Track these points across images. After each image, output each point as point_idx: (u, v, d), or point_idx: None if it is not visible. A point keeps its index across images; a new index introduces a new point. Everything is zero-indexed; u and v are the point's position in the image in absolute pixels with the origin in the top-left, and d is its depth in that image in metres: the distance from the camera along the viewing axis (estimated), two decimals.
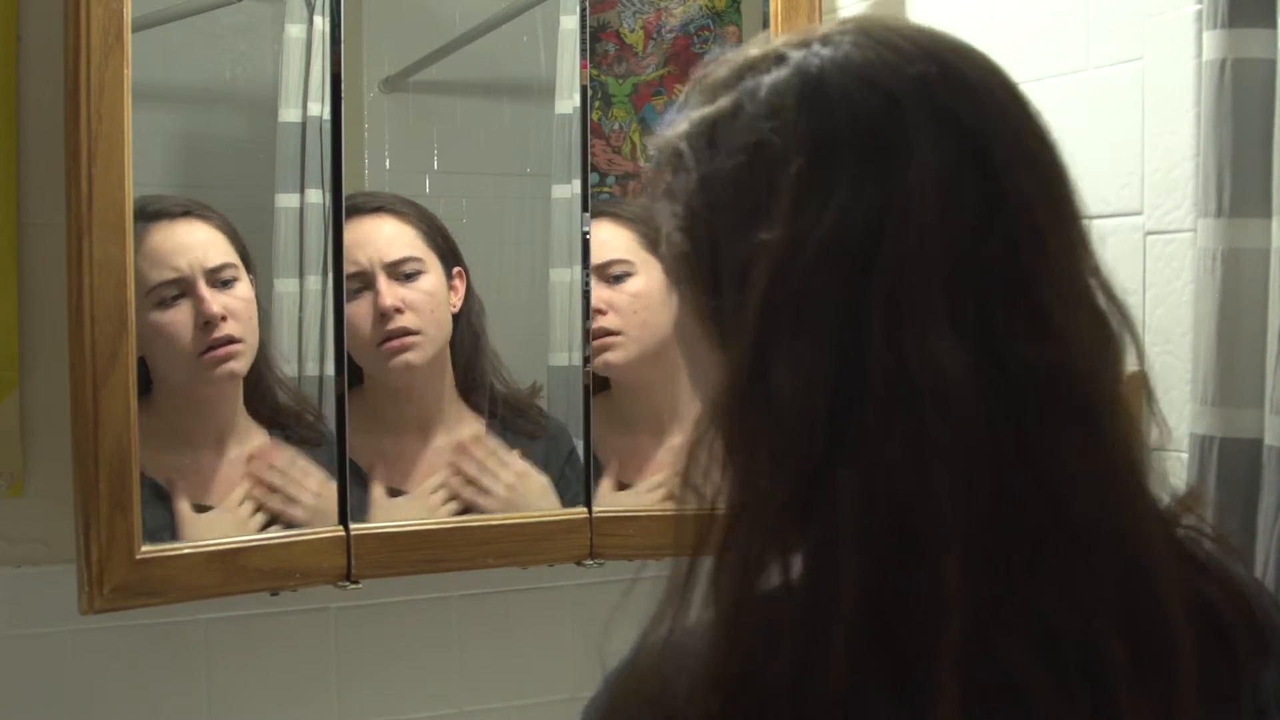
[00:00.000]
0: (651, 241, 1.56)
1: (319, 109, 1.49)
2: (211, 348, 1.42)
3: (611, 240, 1.62)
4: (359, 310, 1.52)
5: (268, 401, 1.49)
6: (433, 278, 1.55)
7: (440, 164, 1.63)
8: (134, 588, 1.32)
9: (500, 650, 1.66)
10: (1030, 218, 0.63)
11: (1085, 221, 0.67)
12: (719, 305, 0.64)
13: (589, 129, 1.63)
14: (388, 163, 1.60)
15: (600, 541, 1.57)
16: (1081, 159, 1.51)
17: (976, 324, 0.60)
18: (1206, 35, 1.19)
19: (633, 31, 1.67)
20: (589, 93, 1.64)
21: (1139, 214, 1.34)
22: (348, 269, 1.50)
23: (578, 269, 1.62)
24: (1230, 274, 1.18)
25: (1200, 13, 1.22)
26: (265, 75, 1.50)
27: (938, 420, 0.58)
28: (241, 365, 1.45)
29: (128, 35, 1.29)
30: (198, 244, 1.43)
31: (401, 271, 1.54)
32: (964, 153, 0.62)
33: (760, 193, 0.62)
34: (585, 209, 1.62)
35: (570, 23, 1.63)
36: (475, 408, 1.60)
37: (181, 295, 1.42)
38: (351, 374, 1.51)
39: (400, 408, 1.58)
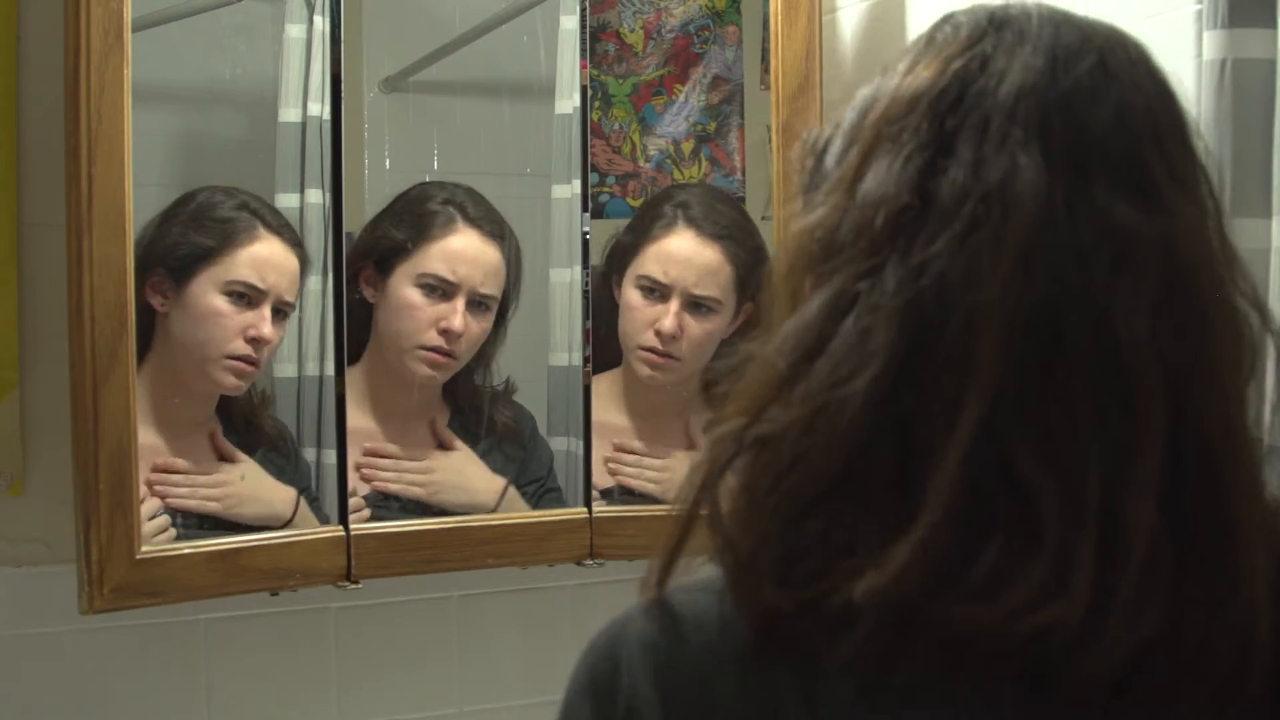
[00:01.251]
0: (744, 281, 1.63)
1: (319, 109, 1.49)
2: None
3: (716, 273, 1.62)
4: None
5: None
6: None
7: (440, 164, 1.63)
8: (134, 588, 1.32)
9: (500, 650, 1.66)
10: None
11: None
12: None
13: (589, 129, 1.63)
14: (388, 163, 1.60)
15: (600, 541, 1.57)
16: None
17: (1073, 179, 0.61)
18: (1206, 35, 1.19)
19: (633, 31, 1.67)
20: (589, 93, 1.64)
21: None
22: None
23: (578, 269, 1.62)
24: None
25: (1200, 13, 1.22)
26: (265, 75, 1.50)
27: (1000, 228, 0.60)
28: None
29: (128, 35, 1.29)
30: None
31: (697, 303, 1.61)
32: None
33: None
34: (585, 209, 1.62)
35: (570, 23, 1.63)
36: None
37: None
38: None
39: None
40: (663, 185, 1.67)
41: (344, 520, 1.48)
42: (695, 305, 1.61)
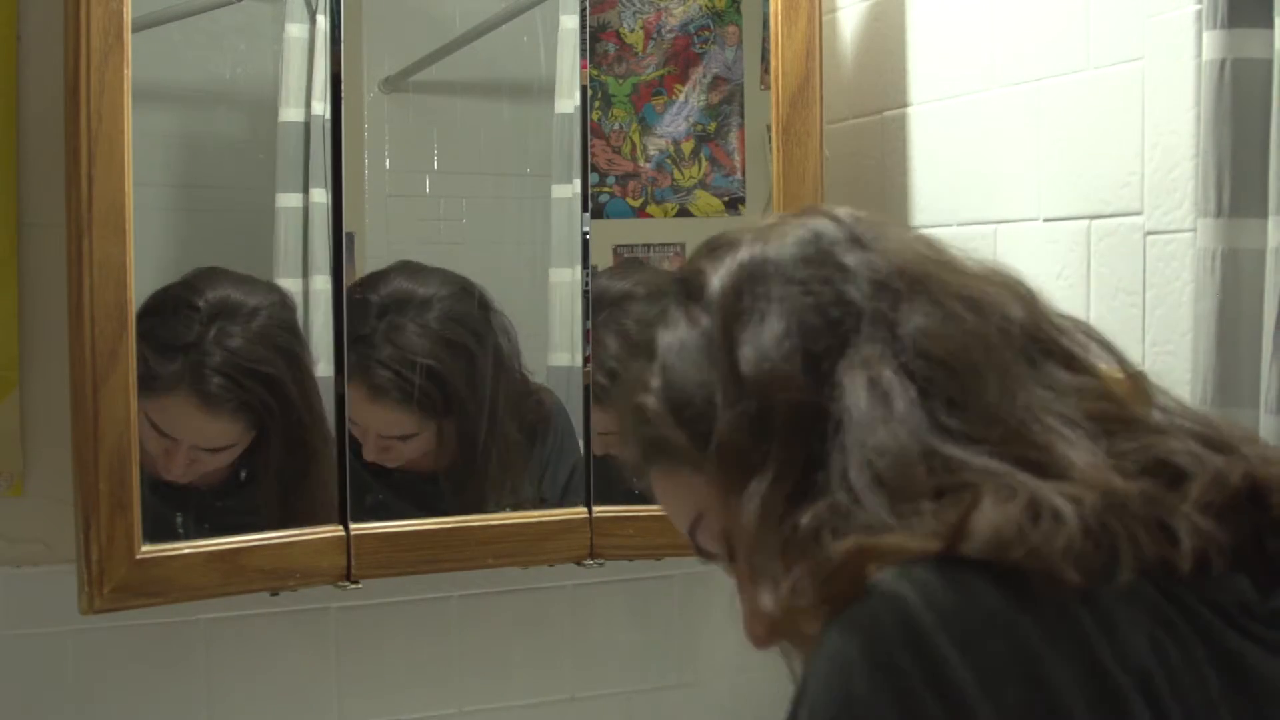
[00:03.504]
0: None
1: (319, 109, 1.49)
2: None
3: None
4: None
5: None
6: None
7: (440, 164, 1.63)
8: (134, 588, 1.32)
9: (500, 650, 1.66)
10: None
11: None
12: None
13: (589, 129, 1.63)
14: (388, 163, 1.60)
15: (600, 541, 1.57)
16: (1081, 159, 1.52)
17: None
18: (1206, 35, 1.19)
19: (633, 31, 1.67)
20: (589, 93, 1.64)
21: (1139, 214, 1.34)
22: None
23: (578, 269, 1.62)
24: (1230, 274, 1.18)
25: (1200, 13, 1.22)
26: (265, 75, 1.50)
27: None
28: None
29: (128, 35, 1.29)
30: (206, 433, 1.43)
31: None
32: None
33: None
34: (585, 209, 1.62)
35: (570, 23, 1.63)
36: None
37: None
38: None
39: None
40: (663, 185, 1.67)
41: (344, 520, 1.48)
42: None
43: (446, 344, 1.52)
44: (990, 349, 0.74)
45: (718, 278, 0.79)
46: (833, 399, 0.72)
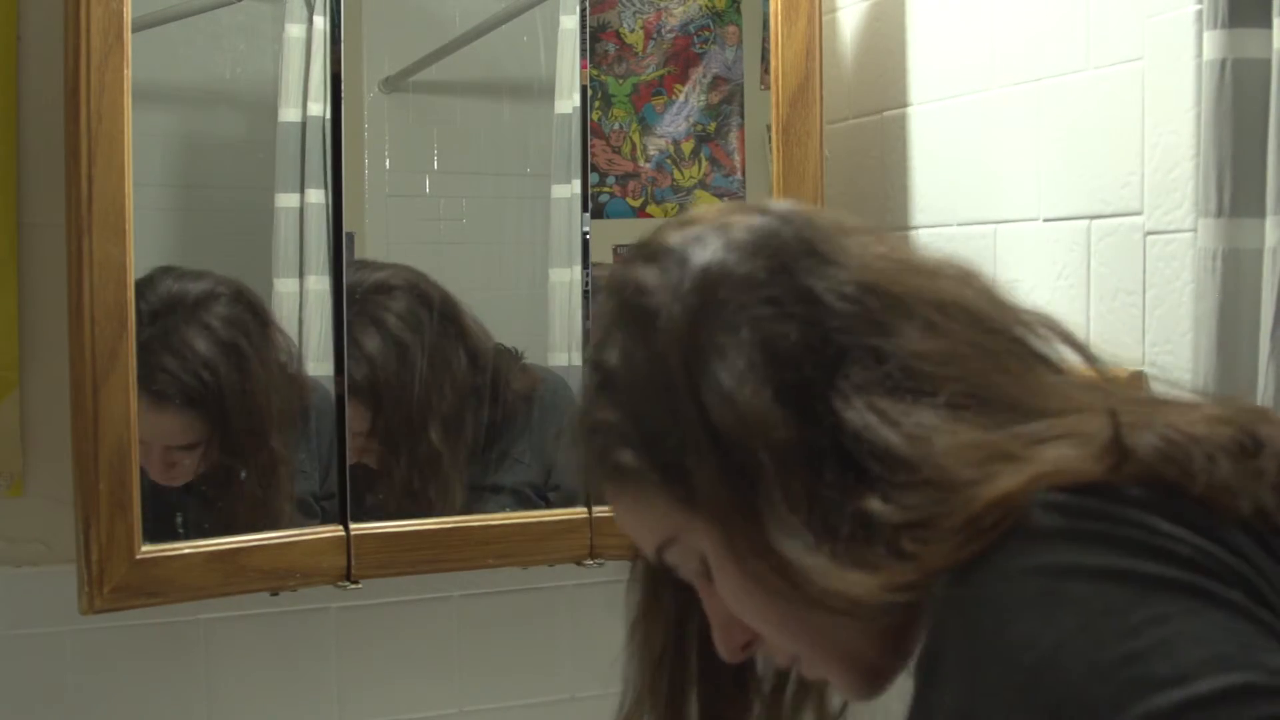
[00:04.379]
0: None
1: (319, 109, 1.49)
2: None
3: None
4: None
5: None
6: None
7: (440, 164, 1.63)
8: (134, 588, 1.32)
9: (500, 650, 1.66)
10: None
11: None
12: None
13: (589, 129, 1.63)
14: (388, 163, 1.60)
15: (600, 541, 1.57)
16: (1081, 159, 1.52)
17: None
18: (1206, 35, 1.19)
19: (633, 31, 1.67)
20: (589, 93, 1.64)
21: (1139, 214, 1.34)
22: None
23: (578, 269, 1.62)
24: (1230, 274, 1.18)
25: (1200, 13, 1.22)
26: (265, 75, 1.50)
27: None
28: None
29: (128, 35, 1.29)
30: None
31: None
32: None
33: None
34: (585, 209, 1.62)
35: (570, 23, 1.63)
36: None
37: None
38: None
39: None
40: (662, 185, 1.68)
41: (344, 520, 1.47)
42: None
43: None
44: (986, 353, 0.72)
45: (667, 301, 0.74)
46: (831, 431, 0.69)
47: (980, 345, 0.72)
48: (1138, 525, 0.59)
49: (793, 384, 0.70)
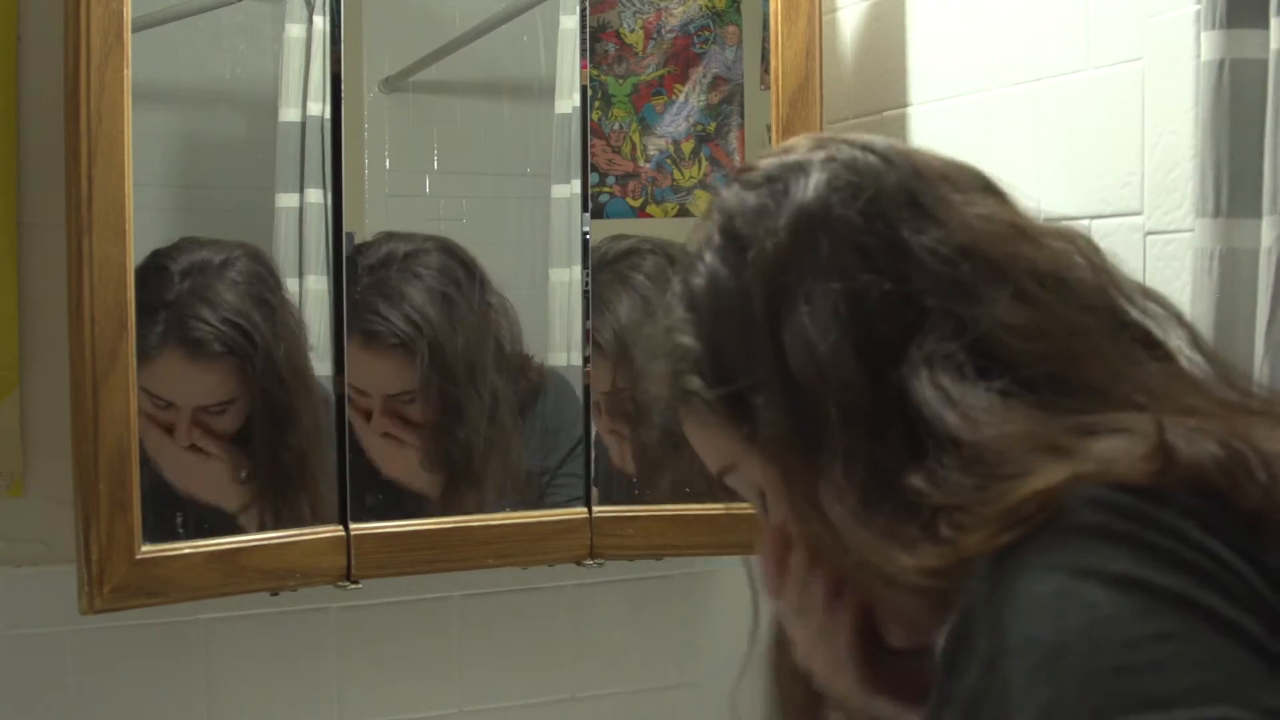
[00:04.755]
0: None
1: (319, 109, 1.49)
2: None
3: None
4: None
5: None
6: None
7: (440, 164, 1.63)
8: (134, 588, 1.32)
9: (500, 650, 1.66)
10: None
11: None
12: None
13: (589, 129, 1.63)
14: (388, 163, 1.60)
15: (600, 541, 1.57)
16: (1081, 159, 1.52)
17: None
18: (1204, 36, 1.19)
19: (633, 31, 1.67)
20: (589, 93, 1.64)
21: (1139, 214, 1.34)
22: None
23: (577, 269, 1.62)
24: (1227, 274, 1.17)
25: (1199, 13, 1.22)
26: (265, 75, 1.50)
27: None
28: None
29: (128, 35, 1.29)
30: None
31: None
32: None
33: None
34: (585, 209, 1.62)
35: (570, 23, 1.63)
36: None
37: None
38: None
39: None
40: (663, 185, 1.68)
41: (344, 520, 1.47)
42: None
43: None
44: (1077, 330, 0.69)
45: (760, 234, 0.72)
46: (899, 398, 0.67)
47: (1072, 321, 0.70)
48: (1168, 531, 0.58)
49: (874, 342, 0.69)
